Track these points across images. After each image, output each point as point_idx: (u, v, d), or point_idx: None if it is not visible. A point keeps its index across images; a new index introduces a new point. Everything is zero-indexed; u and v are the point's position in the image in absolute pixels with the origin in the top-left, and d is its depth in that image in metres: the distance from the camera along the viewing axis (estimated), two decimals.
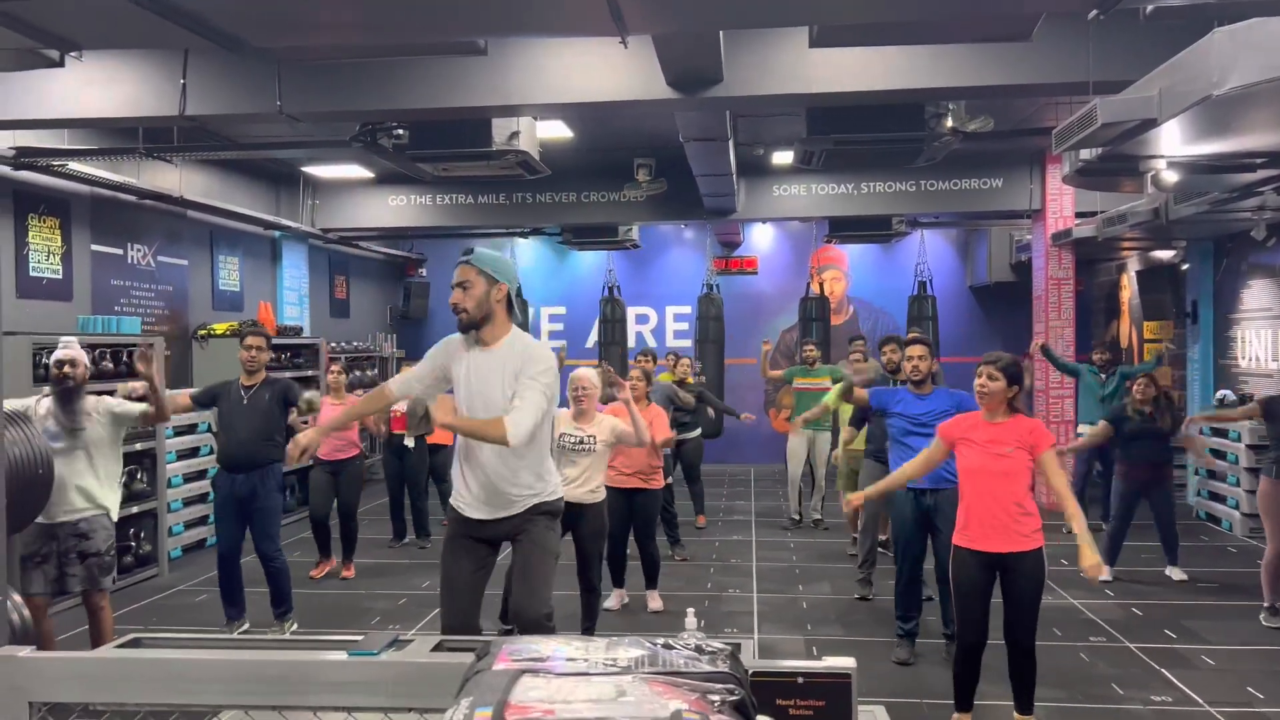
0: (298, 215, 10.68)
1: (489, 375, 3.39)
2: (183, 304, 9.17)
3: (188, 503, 8.08)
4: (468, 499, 3.49)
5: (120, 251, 8.27)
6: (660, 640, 1.45)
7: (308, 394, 6.14)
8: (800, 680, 1.87)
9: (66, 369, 4.76)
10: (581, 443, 5.27)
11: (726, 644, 1.55)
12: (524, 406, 3.19)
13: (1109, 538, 7.05)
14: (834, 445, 8.79)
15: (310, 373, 10.10)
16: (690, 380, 8.76)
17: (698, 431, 8.80)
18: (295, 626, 5.92)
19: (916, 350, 5.12)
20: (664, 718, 1.10)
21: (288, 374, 9.07)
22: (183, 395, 5.81)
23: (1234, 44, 3.68)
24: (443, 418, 3.21)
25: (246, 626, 5.88)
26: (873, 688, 4.66)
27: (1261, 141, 4.80)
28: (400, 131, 6.22)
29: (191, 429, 8.22)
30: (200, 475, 8.26)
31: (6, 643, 2.62)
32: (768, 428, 13.71)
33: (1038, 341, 9.38)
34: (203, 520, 8.24)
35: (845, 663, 1.85)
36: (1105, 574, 6.88)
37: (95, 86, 5.58)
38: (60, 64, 3.65)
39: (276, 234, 10.72)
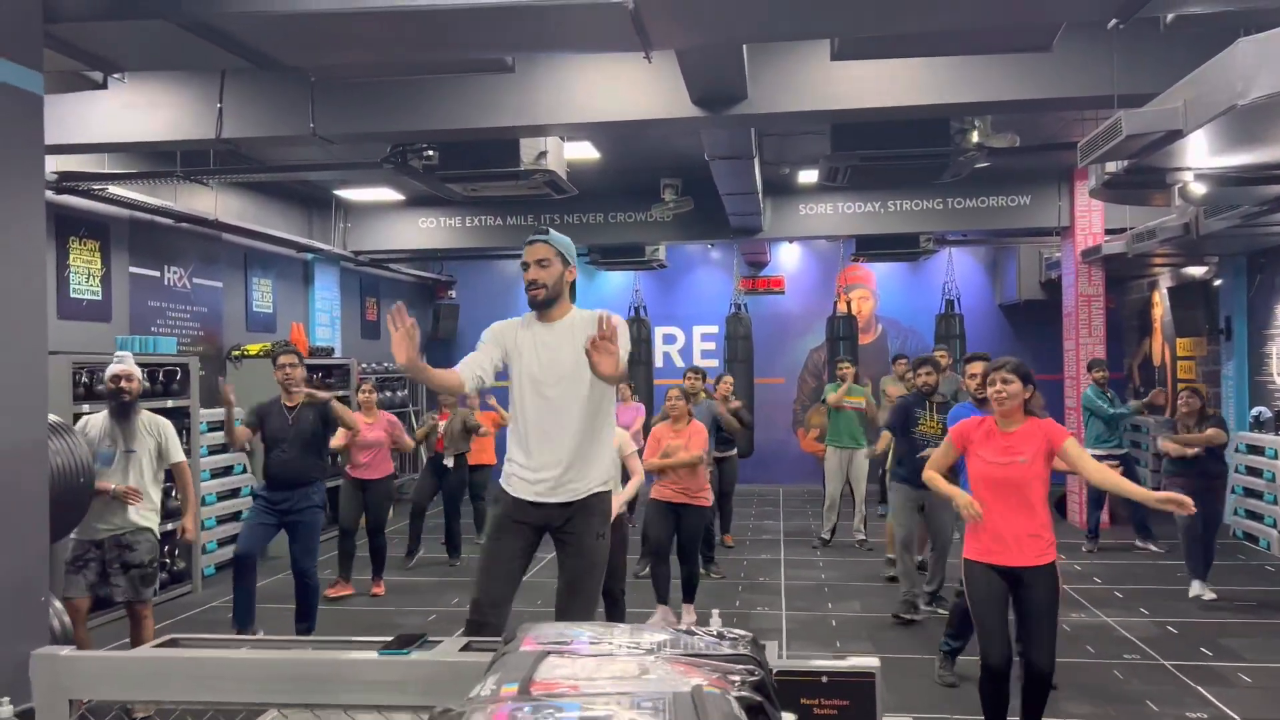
0: (330, 238, 10.85)
1: (559, 348, 3.40)
2: (217, 325, 9.33)
3: (221, 520, 8.18)
4: (530, 479, 3.43)
5: (157, 274, 8.44)
6: (683, 627, 1.48)
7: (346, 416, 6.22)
8: (824, 679, 1.88)
9: (123, 383, 4.86)
10: None
11: (747, 632, 1.57)
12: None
13: (1188, 558, 6.87)
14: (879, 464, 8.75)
15: (342, 392, 10.21)
16: (732, 400, 8.76)
17: (734, 450, 8.81)
18: None
19: (978, 368, 5.12)
20: (685, 692, 1.13)
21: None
22: (241, 430, 5.84)
23: (1259, 53, 3.68)
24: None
25: (261, 634, 5.92)
26: (901, 703, 4.62)
27: None
28: (430, 152, 6.32)
29: (224, 448, 8.34)
30: (233, 494, 8.38)
31: (47, 644, 2.67)
32: (796, 448, 13.68)
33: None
34: (235, 539, 8.33)
35: (869, 662, 1.86)
36: (1208, 594, 6.76)
37: (135, 111, 5.73)
38: (104, 86, 3.77)
39: (309, 256, 10.89)
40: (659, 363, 13.47)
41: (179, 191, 8.30)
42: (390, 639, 2.25)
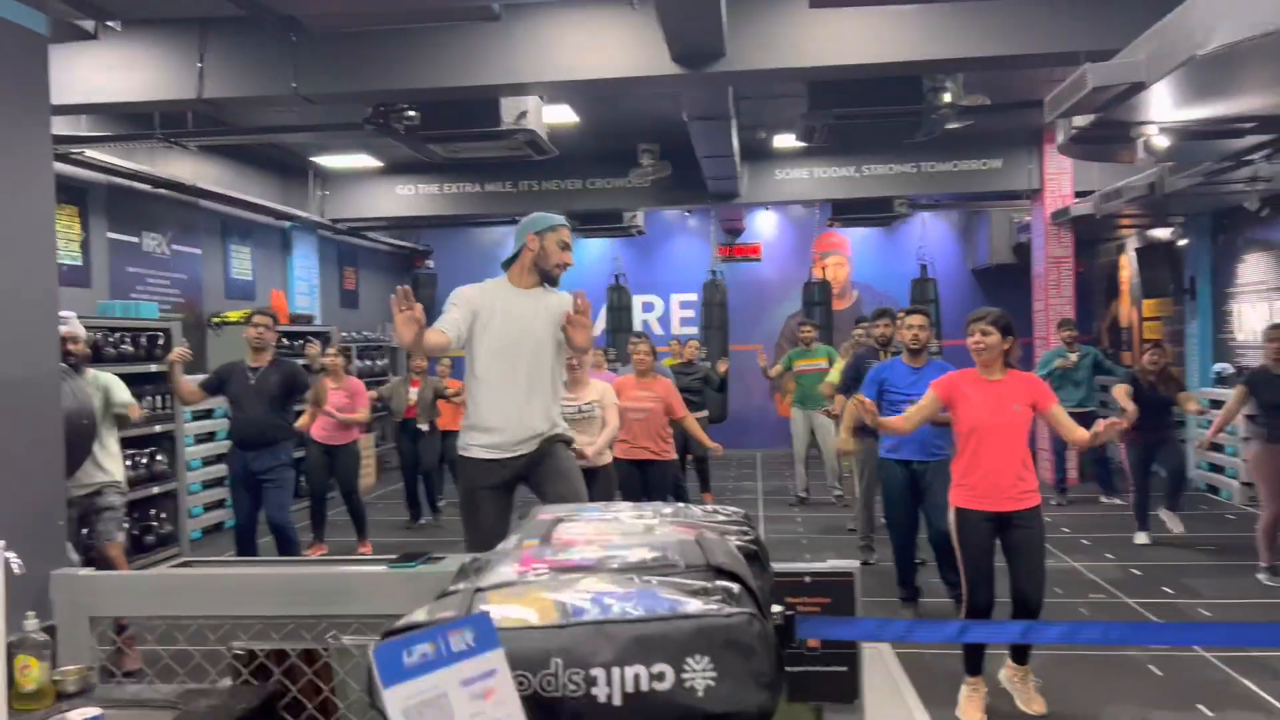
0: (307, 205, 10.85)
1: (535, 315, 3.62)
2: (197, 292, 9.34)
3: (206, 485, 8.25)
4: (493, 440, 3.61)
5: (136, 240, 8.44)
6: (679, 505, 1.61)
7: (313, 391, 6.31)
8: (808, 579, 2.03)
9: (69, 345, 4.91)
10: (580, 411, 5.41)
11: (738, 509, 1.71)
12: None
13: (1135, 506, 7.22)
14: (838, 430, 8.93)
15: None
16: (695, 363, 8.92)
17: (704, 413, 8.95)
18: None
19: (916, 320, 5.23)
20: (690, 538, 1.26)
21: (301, 362, 9.26)
22: (195, 389, 5.91)
23: (1217, 3, 3.82)
24: None
25: None
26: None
27: (1249, 105, 4.94)
28: (411, 113, 6.37)
29: (209, 414, 8.39)
30: (218, 459, 8.43)
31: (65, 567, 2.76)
32: (774, 414, 13.86)
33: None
34: (220, 503, 8.41)
35: (848, 564, 2.01)
36: (1144, 539, 7.13)
37: (114, 71, 5.74)
38: (94, 36, 3.80)
39: (287, 224, 10.89)
40: (638, 329, 13.60)
41: (156, 158, 8.29)
42: (395, 557, 2.36)
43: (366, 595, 2.21)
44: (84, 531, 4.91)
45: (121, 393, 5.11)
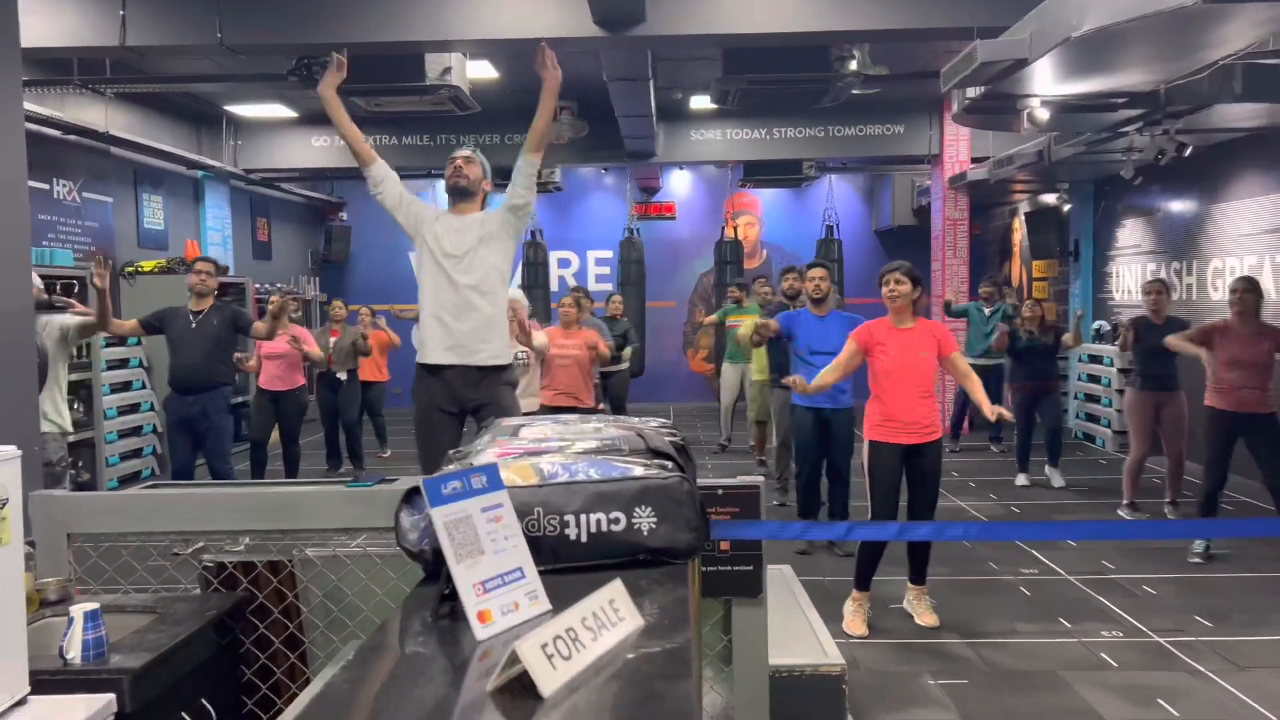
0: (220, 155, 10.73)
1: (468, 233, 3.88)
2: (108, 241, 9.21)
3: (123, 435, 8.25)
4: (443, 345, 3.85)
5: (46, 186, 8.30)
6: (618, 416, 1.92)
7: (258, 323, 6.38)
8: (720, 492, 2.39)
9: None
10: (515, 357, 5.69)
11: (668, 420, 2.03)
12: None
13: (1017, 450, 7.86)
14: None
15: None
16: (620, 317, 9.22)
17: (625, 365, 9.28)
18: None
19: (817, 272, 5.70)
20: (631, 434, 1.56)
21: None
22: (132, 321, 6.02)
23: None
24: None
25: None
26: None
27: (1121, 82, 5.42)
28: None
29: (124, 363, 8.37)
30: (133, 408, 8.43)
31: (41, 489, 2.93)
32: (686, 369, 14.30)
33: (946, 297, 9.95)
34: (137, 453, 8.43)
35: (754, 479, 2.37)
36: (1023, 480, 7.78)
37: (36, 16, 5.68)
38: None
39: (199, 174, 10.75)
40: (554, 286, 13.80)
41: (66, 103, 8.14)
42: (351, 478, 2.61)
43: (326, 511, 2.45)
44: None
45: (65, 321, 5.17)
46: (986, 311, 9.31)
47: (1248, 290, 5.52)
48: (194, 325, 5.93)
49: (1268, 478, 5.45)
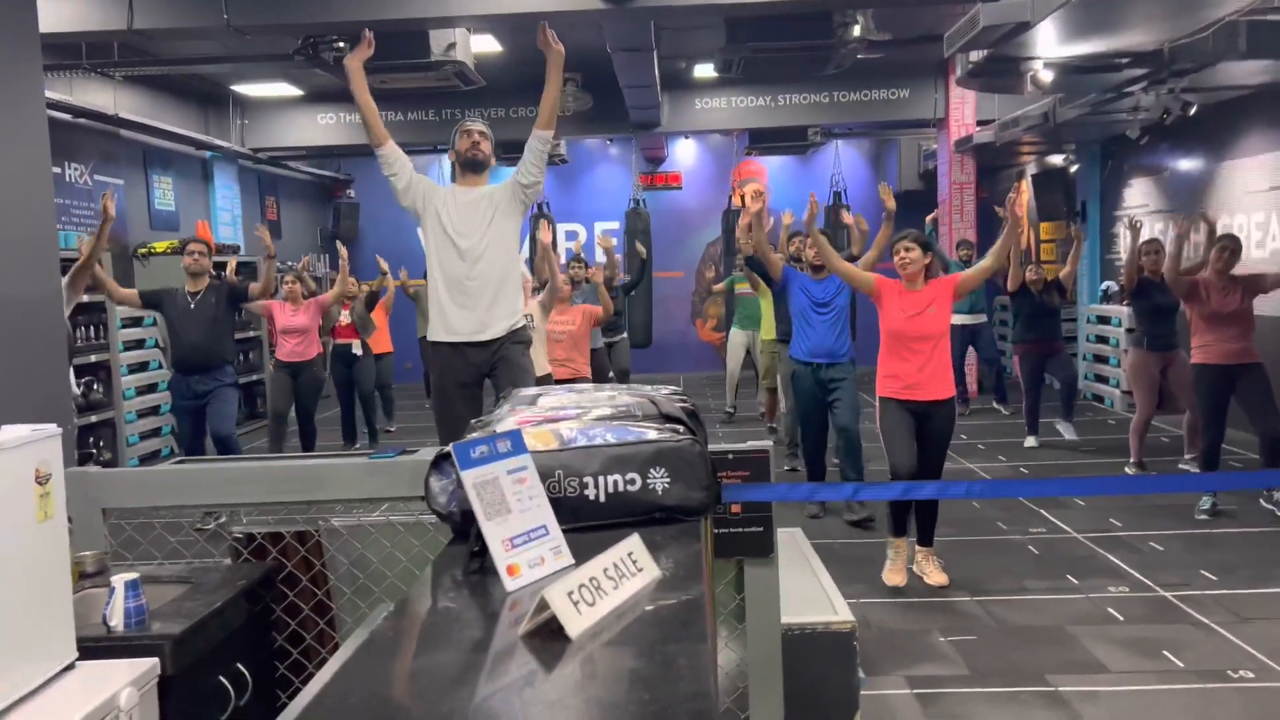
0: (227, 135, 10.78)
1: (476, 207, 3.95)
2: (120, 223, 9.29)
3: (141, 414, 8.38)
4: (456, 324, 3.93)
5: (59, 170, 8.37)
6: (630, 385, 2.00)
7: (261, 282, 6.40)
8: (730, 456, 2.46)
9: None
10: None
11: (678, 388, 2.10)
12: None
13: (1027, 412, 7.92)
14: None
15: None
16: (617, 281, 9.27)
17: (624, 335, 9.36)
18: None
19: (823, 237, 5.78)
20: (644, 400, 1.64)
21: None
22: (131, 290, 6.11)
23: None
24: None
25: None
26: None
27: (1125, 42, 5.43)
28: (341, 44, 6.48)
29: (140, 344, 8.48)
30: (151, 388, 8.56)
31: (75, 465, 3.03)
32: (695, 338, 14.36)
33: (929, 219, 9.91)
34: (156, 432, 8.57)
35: (764, 444, 2.44)
36: (1033, 442, 7.83)
37: (45, 2, 5.68)
38: None
39: (208, 154, 10.81)
40: (561, 258, 13.85)
41: (75, 87, 8.20)
42: (374, 449, 2.70)
43: (351, 483, 2.53)
44: None
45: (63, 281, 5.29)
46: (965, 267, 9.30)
47: (1234, 250, 5.64)
48: (192, 306, 6.02)
49: (1257, 425, 5.54)
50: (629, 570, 1.07)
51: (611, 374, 9.10)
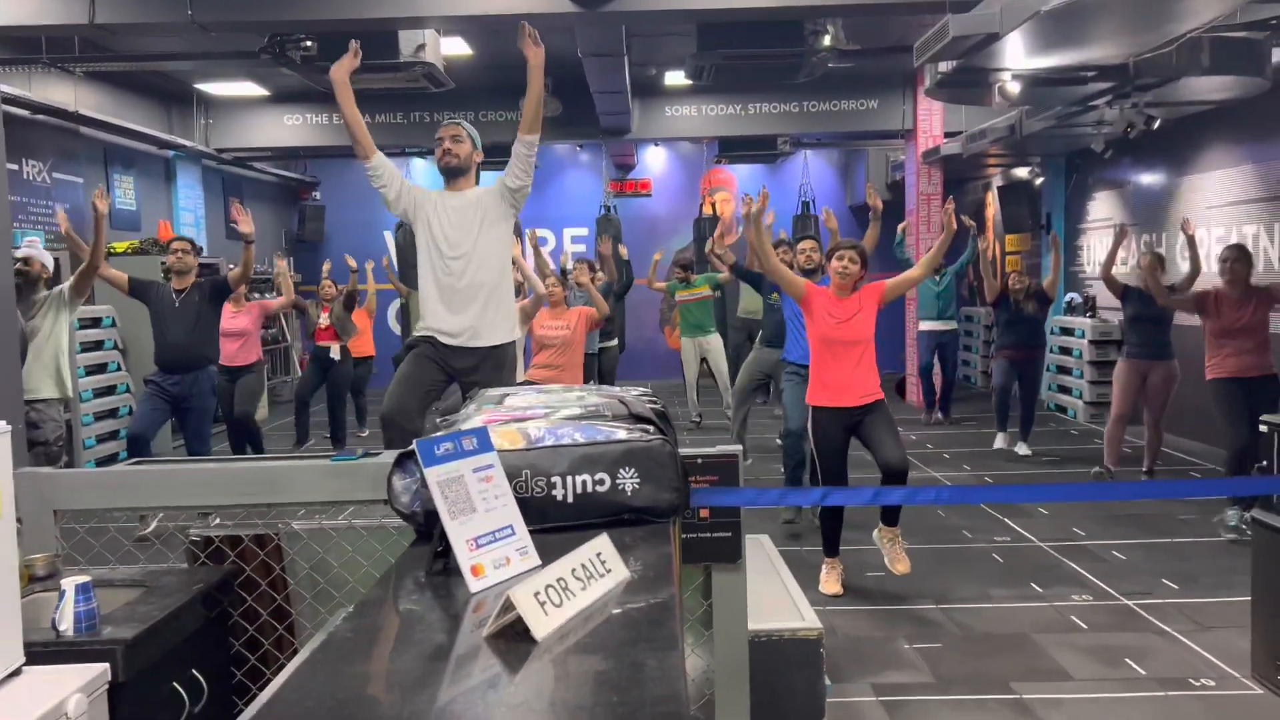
0: (191, 134, 10.62)
1: (465, 212, 3.88)
2: (80, 222, 9.09)
3: (99, 417, 8.22)
4: (444, 331, 3.87)
5: (15, 167, 8.20)
6: (600, 386, 1.97)
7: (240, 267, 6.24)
8: (699, 460, 2.44)
9: (20, 265, 5.02)
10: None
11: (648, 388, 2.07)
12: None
13: (997, 409, 8.04)
14: (727, 349, 9.47)
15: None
16: (598, 282, 9.24)
17: (614, 341, 9.35)
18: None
19: (808, 244, 5.96)
20: (614, 400, 1.61)
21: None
22: (123, 274, 5.97)
23: None
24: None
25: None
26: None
27: (1090, 55, 5.49)
28: (308, 43, 6.40)
29: (99, 345, 8.32)
30: (109, 390, 8.39)
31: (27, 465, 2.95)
32: (664, 345, 14.35)
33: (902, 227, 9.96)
34: (114, 435, 8.39)
35: (732, 449, 2.43)
36: (1023, 449, 7.93)
37: None
38: None
39: (171, 154, 10.65)
40: (530, 264, 13.79)
41: (34, 82, 8.04)
42: (336, 451, 2.65)
43: (312, 485, 2.47)
44: None
45: (62, 287, 5.25)
46: (938, 276, 9.30)
47: (1238, 259, 5.65)
48: (178, 304, 5.92)
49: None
50: (597, 571, 1.04)
51: (594, 380, 9.07)
